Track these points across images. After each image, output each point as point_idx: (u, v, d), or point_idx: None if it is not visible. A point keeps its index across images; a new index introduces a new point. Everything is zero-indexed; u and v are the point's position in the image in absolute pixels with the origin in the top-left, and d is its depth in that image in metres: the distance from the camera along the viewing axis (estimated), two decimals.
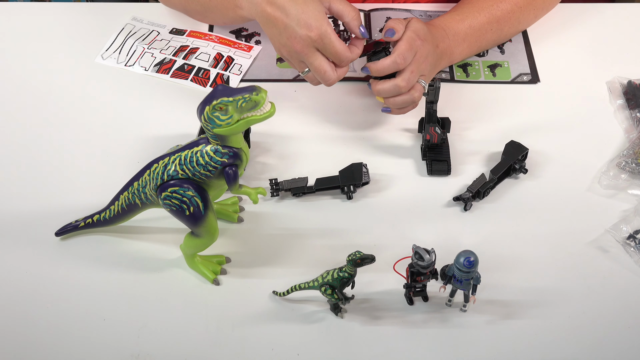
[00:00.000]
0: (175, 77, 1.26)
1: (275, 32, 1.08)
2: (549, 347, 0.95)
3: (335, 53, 1.06)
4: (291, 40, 1.06)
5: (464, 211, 1.08)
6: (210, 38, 1.31)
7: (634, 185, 1.11)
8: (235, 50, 1.30)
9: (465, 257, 0.91)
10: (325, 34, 1.05)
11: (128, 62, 1.28)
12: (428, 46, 1.12)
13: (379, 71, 1.09)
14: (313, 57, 1.07)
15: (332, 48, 1.06)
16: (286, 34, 1.06)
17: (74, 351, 0.94)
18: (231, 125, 0.90)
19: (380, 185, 1.12)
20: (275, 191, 1.09)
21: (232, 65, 1.27)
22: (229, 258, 1.03)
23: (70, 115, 1.21)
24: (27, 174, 1.13)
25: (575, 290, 1.00)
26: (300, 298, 0.99)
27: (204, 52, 1.29)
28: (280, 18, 1.06)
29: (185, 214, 0.94)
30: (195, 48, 1.30)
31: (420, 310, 0.98)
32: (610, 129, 1.19)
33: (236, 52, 1.29)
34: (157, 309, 0.98)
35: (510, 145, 1.12)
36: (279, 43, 1.09)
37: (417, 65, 1.10)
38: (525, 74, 1.28)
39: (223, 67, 1.26)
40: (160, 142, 1.14)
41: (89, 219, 1.03)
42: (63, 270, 1.02)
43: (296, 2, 1.05)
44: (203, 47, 1.30)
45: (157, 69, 1.27)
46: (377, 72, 1.09)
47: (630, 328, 0.96)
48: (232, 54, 1.29)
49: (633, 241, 1.04)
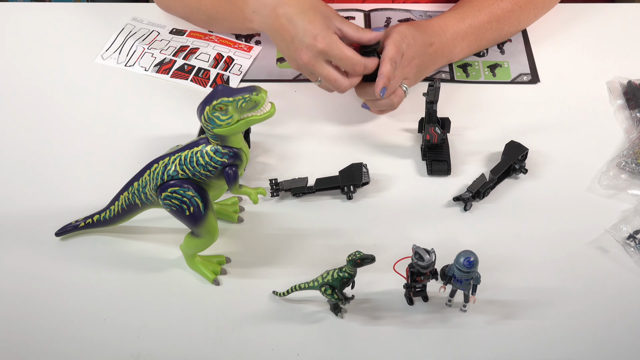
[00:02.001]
0: (175, 78, 1.26)
1: (283, 45, 1.09)
2: (549, 347, 0.95)
3: (345, 58, 1.06)
4: (298, 51, 1.06)
5: (464, 211, 1.08)
6: (210, 38, 1.31)
7: (634, 185, 1.11)
8: (236, 51, 1.30)
9: (465, 257, 0.91)
10: (332, 43, 1.05)
11: (128, 62, 1.28)
12: (414, 49, 1.12)
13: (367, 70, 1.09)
14: (321, 68, 1.07)
15: (341, 54, 1.05)
16: (293, 46, 1.06)
17: (74, 351, 0.94)
18: (231, 126, 0.90)
19: (380, 185, 1.12)
20: (275, 191, 1.09)
21: (232, 66, 1.27)
22: (229, 258, 1.03)
23: (71, 115, 1.21)
24: (27, 174, 1.13)
25: (575, 290, 1.00)
26: (300, 298, 0.99)
27: (204, 52, 1.29)
28: (288, 30, 1.06)
29: (185, 214, 0.94)
30: (195, 48, 1.30)
31: (420, 310, 0.98)
32: (610, 129, 1.19)
33: (236, 52, 1.29)
34: (157, 309, 0.98)
35: (510, 145, 1.12)
36: (289, 56, 1.09)
37: (401, 69, 1.10)
38: (525, 74, 1.28)
39: (223, 67, 1.26)
40: (160, 142, 1.14)
41: (89, 219, 1.03)
42: (63, 270, 1.02)
43: (305, 14, 1.06)
44: (203, 47, 1.30)
45: (157, 69, 1.27)
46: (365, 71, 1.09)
47: (630, 328, 0.96)
48: (232, 54, 1.29)
49: (633, 241, 1.04)
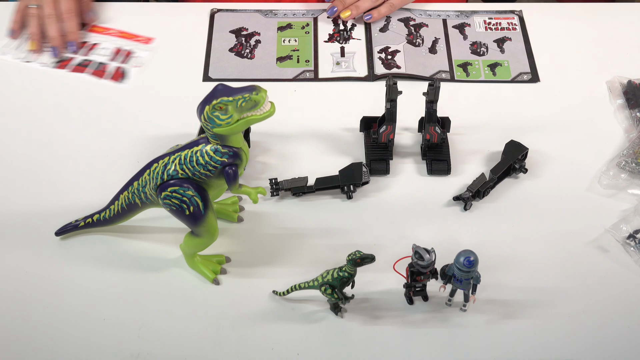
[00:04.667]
0: (76, 72, 1.27)
1: None
2: (549, 347, 0.95)
3: None
4: None
5: (464, 211, 1.08)
6: (110, 33, 1.34)
7: (633, 185, 1.11)
8: (136, 44, 1.31)
9: (465, 257, 0.91)
10: None
11: (26, 57, 1.30)
12: None
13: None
14: None
15: None
16: None
17: (74, 351, 0.94)
18: (231, 125, 0.90)
19: (380, 185, 1.12)
20: (275, 191, 1.09)
21: (130, 58, 1.29)
22: (229, 258, 1.03)
23: (71, 115, 1.21)
24: (27, 174, 1.13)
25: (575, 290, 1.00)
26: (300, 298, 0.99)
27: (103, 47, 1.31)
28: None
29: (185, 213, 0.94)
30: (95, 44, 1.31)
31: (420, 310, 0.98)
32: (610, 129, 1.19)
33: (137, 45, 1.31)
34: (157, 309, 0.98)
35: (510, 144, 1.12)
36: None
37: None
38: (525, 72, 1.28)
39: (122, 60, 1.29)
40: (160, 142, 1.14)
41: (89, 218, 1.03)
42: (63, 270, 1.02)
43: None
44: (103, 42, 1.32)
45: (55, 65, 1.28)
46: None
47: (630, 328, 0.96)
48: (131, 47, 1.31)
49: (633, 241, 1.04)
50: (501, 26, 1.36)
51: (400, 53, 1.30)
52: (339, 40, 1.34)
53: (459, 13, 1.39)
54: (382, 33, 1.34)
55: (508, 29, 1.36)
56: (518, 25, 1.36)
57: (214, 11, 1.39)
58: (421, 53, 1.31)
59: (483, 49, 1.32)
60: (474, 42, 1.33)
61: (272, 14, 1.38)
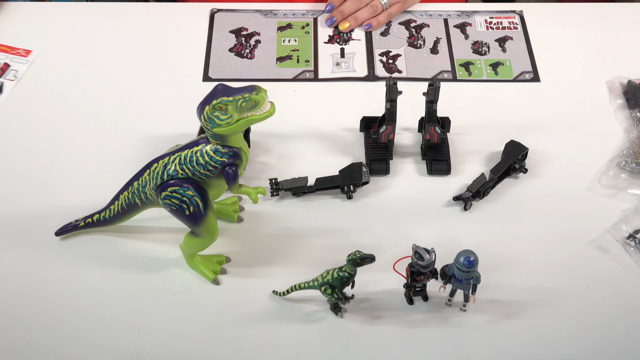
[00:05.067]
0: None
1: None
2: (549, 347, 0.95)
3: None
4: None
5: (464, 211, 1.08)
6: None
7: (633, 185, 1.11)
8: (13, 57, 1.29)
9: (465, 257, 0.91)
10: None
11: None
12: None
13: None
14: None
15: None
16: None
17: (74, 351, 0.94)
18: (231, 125, 0.90)
19: (380, 185, 1.12)
20: (275, 191, 1.09)
21: (7, 72, 1.26)
22: (229, 258, 1.03)
23: (70, 114, 1.21)
24: (27, 174, 1.13)
25: (575, 290, 1.00)
26: (300, 298, 0.99)
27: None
28: None
29: (185, 213, 0.94)
30: None
31: (420, 310, 0.98)
32: (610, 129, 1.19)
33: (13, 59, 1.29)
34: (157, 309, 0.98)
35: (510, 144, 1.12)
36: None
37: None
38: (527, 72, 1.28)
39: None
40: (160, 142, 1.14)
41: (89, 218, 1.03)
42: (63, 270, 1.02)
43: None
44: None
45: None
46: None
47: (630, 328, 0.96)
48: (8, 60, 1.29)
49: (633, 241, 1.04)
50: (502, 25, 1.36)
51: (402, 57, 1.30)
52: (339, 42, 1.34)
53: (460, 13, 1.39)
54: (383, 37, 1.34)
55: (509, 28, 1.36)
56: (519, 25, 1.36)
57: (214, 11, 1.39)
58: (423, 54, 1.31)
59: (485, 48, 1.32)
60: (475, 42, 1.33)
61: (272, 14, 1.38)
